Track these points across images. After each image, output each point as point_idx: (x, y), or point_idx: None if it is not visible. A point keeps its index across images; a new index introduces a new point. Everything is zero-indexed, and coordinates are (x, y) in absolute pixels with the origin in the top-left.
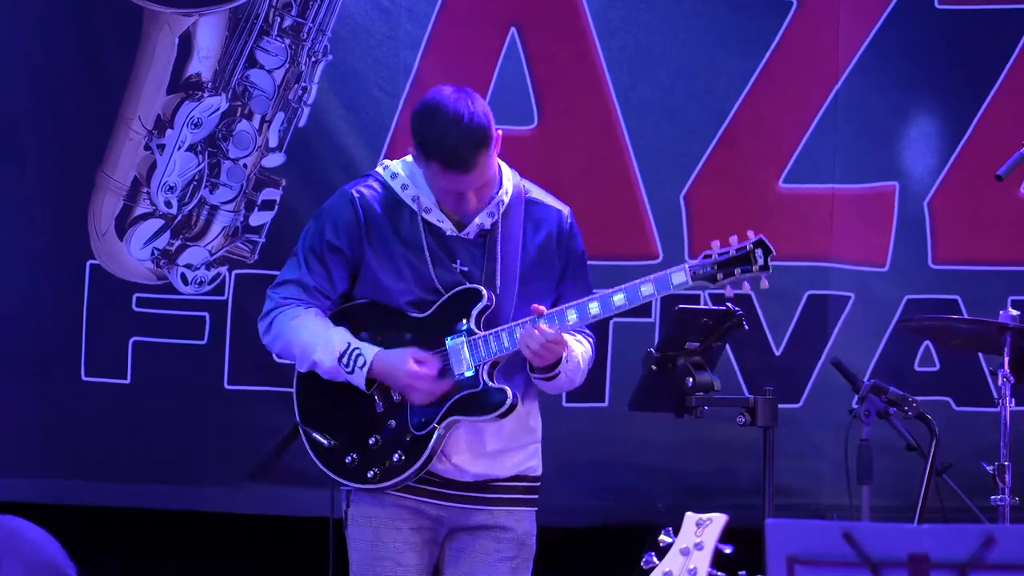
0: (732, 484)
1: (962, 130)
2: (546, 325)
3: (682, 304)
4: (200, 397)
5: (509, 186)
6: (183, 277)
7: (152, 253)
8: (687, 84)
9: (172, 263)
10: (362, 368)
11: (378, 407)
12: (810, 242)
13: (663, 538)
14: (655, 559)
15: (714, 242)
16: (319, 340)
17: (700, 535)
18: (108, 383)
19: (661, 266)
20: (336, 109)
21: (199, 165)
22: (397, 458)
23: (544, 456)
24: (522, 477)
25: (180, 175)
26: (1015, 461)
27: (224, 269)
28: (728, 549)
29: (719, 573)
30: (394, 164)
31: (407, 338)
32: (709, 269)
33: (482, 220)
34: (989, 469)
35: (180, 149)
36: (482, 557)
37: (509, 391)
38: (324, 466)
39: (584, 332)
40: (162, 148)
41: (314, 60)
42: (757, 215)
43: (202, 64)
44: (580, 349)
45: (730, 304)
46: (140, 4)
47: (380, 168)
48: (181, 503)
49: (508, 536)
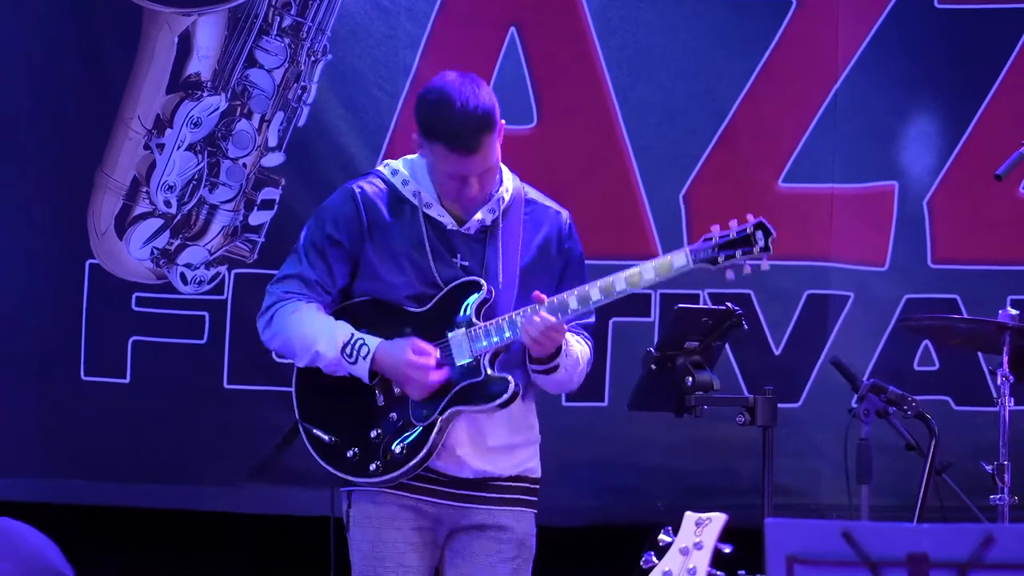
0: (731, 483)
1: (961, 129)
2: (547, 313)
3: (681, 303)
4: (199, 397)
5: (510, 186)
6: (182, 276)
7: (151, 252)
8: (686, 84)
9: (171, 262)
10: (365, 358)
11: (379, 400)
12: (809, 242)
13: (662, 537)
14: (654, 558)
15: (714, 226)
16: (322, 332)
17: (699, 534)
18: (107, 383)
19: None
20: (335, 108)
21: (198, 164)
22: (399, 450)
23: (543, 456)
24: (522, 478)
25: (179, 174)
26: (1014, 460)
27: (223, 268)
28: (727, 548)
29: (718, 572)
30: (395, 162)
31: (407, 332)
32: (710, 252)
33: (483, 216)
34: (988, 468)
35: (179, 148)
36: (483, 558)
37: (511, 380)
38: (325, 462)
39: (583, 335)
40: (161, 148)
41: (313, 59)
42: (756, 215)
43: (201, 63)
44: (579, 348)
45: (729, 304)
46: (140, 4)
47: (381, 166)
48: (181, 503)
49: (508, 536)
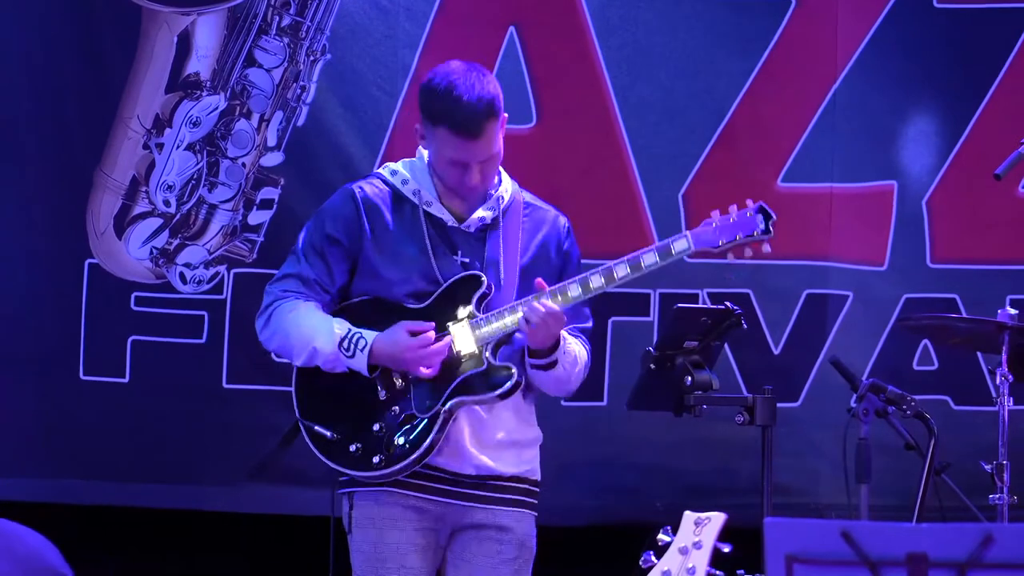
0: (731, 483)
1: (961, 129)
2: (548, 300)
3: (680, 303)
4: (199, 396)
5: (509, 187)
6: (181, 276)
7: (151, 252)
8: (686, 83)
9: (171, 262)
10: (363, 351)
11: (380, 395)
12: (808, 241)
13: (662, 537)
14: (653, 558)
15: (714, 212)
16: (319, 329)
17: (699, 534)
18: (106, 382)
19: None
20: (334, 108)
21: (198, 164)
22: (403, 442)
23: (543, 456)
24: (522, 479)
25: (179, 174)
26: (1013, 460)
27: (223, 268)
28: (727, 548)
29: (717, 572)
30: (394, 164)
31: None
32: (711, 235)
33: (483, 214)
34: (987, 468)
35: (179, 148)
36: (483, 560)
37: (514, 368)
38: (328, 459)
39: (581, 338)
40: (160, 147)
41: (312, 59)
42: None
43: (201, 63)
44: (577, 349)
45: (729, 303)
46: (139, 3)
47: (380, 169)
48: (180, 502)
49: (508, 537)
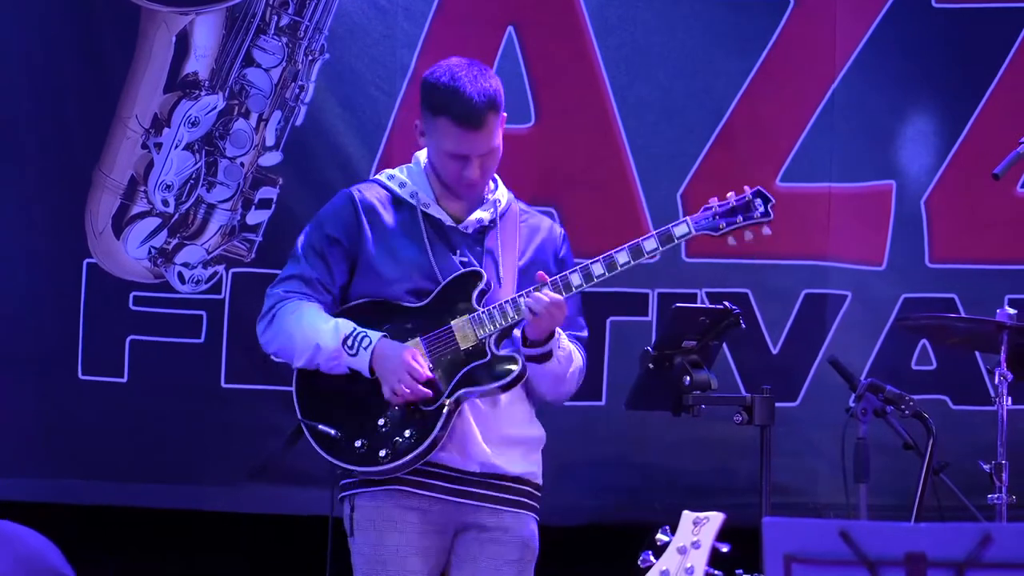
0: (729, 483)
1: (959, 128)
2: (551, 291)
3: (679, 303)
4: (197, 396)
5: (504, 192)
6: (180, 276)
7: (149, 252)
8: (684, 83)
9: (169, 262)
10: (366, 349)
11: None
12: (807, 241)
13: (660, 537)
14: (652, 558)
15: (712, 199)
16: (324, 327)
17: (697, 534)
18: (105, 382)
19: (657, 264)
20: (333, 108)
21: (196, 164)
22: (408, 435)
23: (542, 455)
24: (526, 481)
25: (177, 174)
26: (1012, 460)
27: (221, 268)
28: (725, 548)
29: (716, 572)
30: (391, 170)
31: (409, 327)
32: (711, 219)
33: (480, 216)
34: (986, 468)
35: (177, 148)
36: (486, 561)
37: (519, 357)
38: (333, 457)
39: (577, 345)
40: (159, 147)
41: (311, 59)
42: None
43: (199, 63)
44: (573, 349)
45: (727, 303)
46: (138, 3)
47: (378, 175)
48: (180, 502)
49: (511, 537)
